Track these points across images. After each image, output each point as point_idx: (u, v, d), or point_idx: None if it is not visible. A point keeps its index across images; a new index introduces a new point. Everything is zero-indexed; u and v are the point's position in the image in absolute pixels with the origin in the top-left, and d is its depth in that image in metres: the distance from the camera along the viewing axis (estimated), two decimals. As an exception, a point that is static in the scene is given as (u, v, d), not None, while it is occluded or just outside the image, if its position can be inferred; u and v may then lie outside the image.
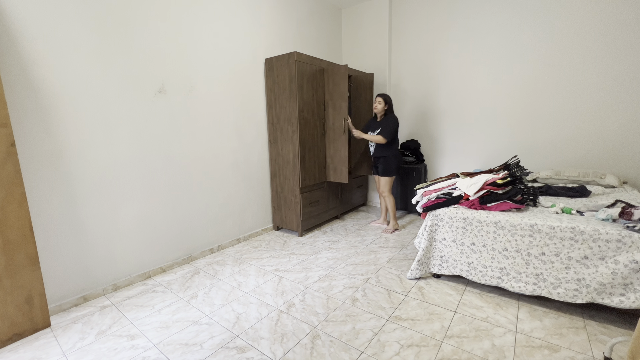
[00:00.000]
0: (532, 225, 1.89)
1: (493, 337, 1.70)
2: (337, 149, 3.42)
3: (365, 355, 1.60)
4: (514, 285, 1.96)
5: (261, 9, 3.23)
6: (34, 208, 1.90)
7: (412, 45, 4.00)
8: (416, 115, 4.11)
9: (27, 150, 1.86)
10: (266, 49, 3.30)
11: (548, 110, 3.23)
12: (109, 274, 2.28)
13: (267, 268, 2.61)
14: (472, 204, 2.19)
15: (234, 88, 3.02)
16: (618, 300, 1.68)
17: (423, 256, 2.29)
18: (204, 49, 2.73)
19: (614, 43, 2.85)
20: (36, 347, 1.73)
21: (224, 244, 3.08)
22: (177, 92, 2.56)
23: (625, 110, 2.87)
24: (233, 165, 3.09)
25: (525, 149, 3.40)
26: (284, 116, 3.19)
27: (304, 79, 3.11)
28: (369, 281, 2.35)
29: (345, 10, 4.37)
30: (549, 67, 3.16)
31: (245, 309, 2.03)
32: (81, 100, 2.06)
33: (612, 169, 2.98)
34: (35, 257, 1.83)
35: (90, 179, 2.14)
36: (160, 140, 2.49)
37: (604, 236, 1.69)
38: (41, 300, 1.86)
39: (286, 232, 3.50)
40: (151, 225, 2.49)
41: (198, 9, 2.66)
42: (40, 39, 1.87)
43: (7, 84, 1.77)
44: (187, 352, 1.65)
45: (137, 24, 2.28)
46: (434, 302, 2.05)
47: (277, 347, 1.67)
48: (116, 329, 1.87)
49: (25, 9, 1.81)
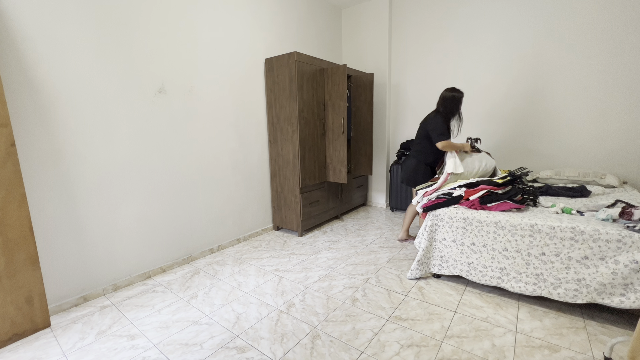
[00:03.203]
0: (532, 225, 1.89)
1: (493, 337, 1.70)
2: (337, 149, 3.42)
3: (365, 355, 1.60)
4: (514, 285, 1.96)
5: (261, 9, 3.23)
6: (34, 208, 1.90)
7: (412, 45, 4.00)
8: (416, 115, 4.11)
9: (27, 150, 1.86)
10: (266, 49, 3.30)
11: (549, 109, 3.23)
12: (109, 274, 2.28)
13: (267, 268, 2.61)
14: (472, 204, 2.19)
15: (234, 88, 3.02)
16: (618, 301, 1.68)
17: (423, 256, 2.29)
18: (204, 49, 2.73)
19: (615, 43, 2.85)
20: (36, 347, 1.72)
21: (224, 244, 3.07)
22: (177, 92, 2.56)
23: (626, 110, 2.87)
24: (233, 165, 3.09)
25: (526, 149, 3.40)
26: (284, 116, 3.19)
27: (304, 79, 3.11)
28: (369, 281, 2.35)
29: (345, 10, 4.37)
30: (550, 67, 3.16)
31: (245, 309, 2.03)
32: (81, 100, 2.05)
33: (612, 169, 2.98)
34: (35, 257, 1.82)
35: (90, 179, 2.14)
36: (160, 140, 2.49)
37: (604, 236, 1.69)
38: (41, 300, 1.86)
39: (286, 232, 3.49)
40: (151, 225, 2.49)
41: (198, 9, 2.66)
42: (40, 39, 1.87)
43: (7, 84, 1.77)
44: (187, 352, 1.65)
45: (137, 24, 2.28)
46: (434, 302, 2.05)
47: (277, 347, 1.67)
48: (116, 329, 1.87)
49: (25, 9, 1.80)
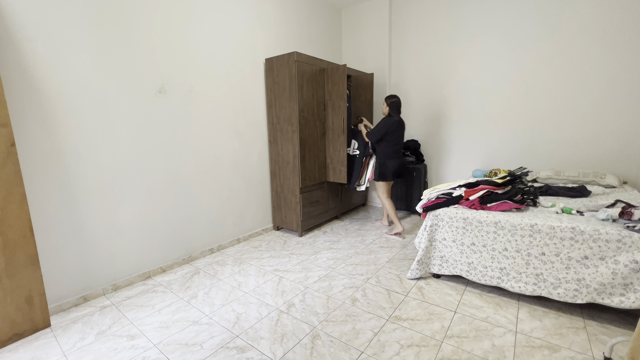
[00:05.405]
0: (532, 225, 1.89)
1: (493, 337, 1.70)
2: (337, 149, 3.42)
3: (365, 355, 1.60)
4: (514, 285, 1.96)
5: (261, 9, 3.23)
6: (34, 208, 1.90)
7: (412, 45, 4.00)
8: (416, 115, 4.11)
9: (27, 150, 1.86)
10: (266, 49, 3.30)
11: (548, 110, 3.23)
12: (109, 274, 2.28)
13: (267, 268, 2.61)
14: (472, 204, 2.19)
15: (234, 88, 3.02)
16: (618, 301, 1.68)
17: (423, 256, 2.29)
18: (204, 49, 2.73)
19: (615, 43, 2.85)
20: (36, 347, 1.73)
21: (224, 244, 3.08)
22: (177, 92, 2.56)
23: (626, 110, 2.87)
24: (233, 165, 3.09)
25: (526, 149, 3.40)
26: (284, 116, 3.19)
27: (304, 79, 3.11)
28: (369, 281, 2.35)
29: (345, 10, 4.37)
30: (550, 67, 3.16)
31: (245, 309, 2.03)
32: (81, 100, 2.06)
33: (612, 169, 2.98)
34: (35, 257, 1.83)
35: (90, 179, 2.14)
36: (160, 140, 2.49)
37: (604, 236, 1.69)
38: (41, 300, 1.86)
39: (286, 232, 3.50)
40: (151, 225, 2.49)
41: (198, 9, 2.66)
42: (40, 39, 1.87)
43: (7, 84, 1.77)
44: (187, 352, 1.65)
45: (137, 24, 2.28)
46: (434, 302, 2.05)
47: (277, 347, 1.67)
48: (116, 329, 1.87)
49: (25, 9, 1.80)
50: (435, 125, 3.99)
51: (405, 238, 3.22)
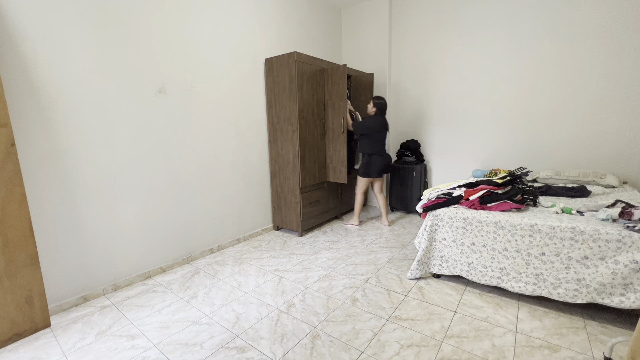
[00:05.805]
0: (532, 225, 1.89)
1: (493, 337, 1.70)
2: (337, 149, 3.42)
3: (365, 355, 1.60)
4: (514, 285, 1.96)
5: (261, 9, 3.23)
6: (34, 208, 1.90)
7: (412, 45, 4.00)
8: (416, 115, 4.11)
9: (27, 150, 1.86)
10: (266, 49, 3.30)
11: (548, 110, 3.23)
12: (109, 274, 2.28)
13: (267, 268, 2.61)
14: (472, 204, 2.19)
15: (234, 88, 3.02)
16: (618, 301, 1.68)
17: (423, 256, 2.29)
18: (204, 49, 2.73)
19: (615, 43, 2.85)
20: (36, 347, 1.73)
21: (224, 244, 3.08)
22: (177, 92, 2.56)
23: (626, 110, 2.87)
24: (233, 165, 3.09)
25: (526, 149, 3.40)
26: (284, 116, 3.19)
27: (304, 79, 3.11)
28: (369, 281, 2.35)
29: (345, 10, 4.37)
30: (550, 67, 3.16)
31: (245, 309, 2.03)
32: (81, 100, 2.06)
33: (612, 169, 2.98)
34: (35, 257, 1.83)
35: (90, 179, 2.14)
36: (160, 140, 2.49)
37: (604, 236, 1.69)
38: (41, 300, 1.86)
39: (286, 232, 3.50)
40: (151, 225, 2.49)
41: (199, 8, 2.66)
42: (40, 39, 1.87)
43: (7, 84, 1.77)
44: (187, 352, 1.65)
45: (137, 24, 2.28)
46: (434, 302, 2.05)
47: (277, 347, 1.67)
48: (116, 329, 1.87)
49: (25, 9, 1.80)
50: (435, 125, 3.99)
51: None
